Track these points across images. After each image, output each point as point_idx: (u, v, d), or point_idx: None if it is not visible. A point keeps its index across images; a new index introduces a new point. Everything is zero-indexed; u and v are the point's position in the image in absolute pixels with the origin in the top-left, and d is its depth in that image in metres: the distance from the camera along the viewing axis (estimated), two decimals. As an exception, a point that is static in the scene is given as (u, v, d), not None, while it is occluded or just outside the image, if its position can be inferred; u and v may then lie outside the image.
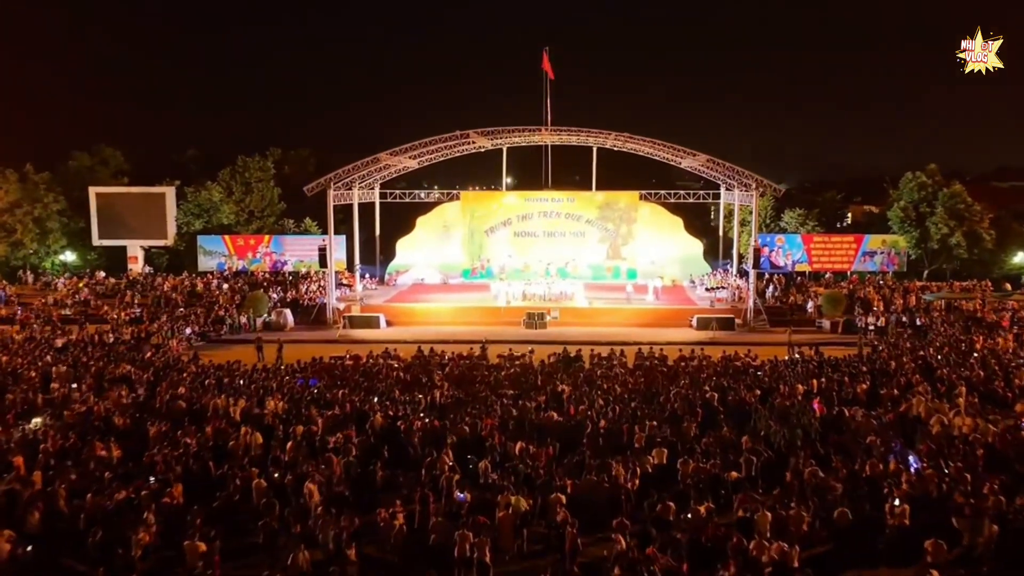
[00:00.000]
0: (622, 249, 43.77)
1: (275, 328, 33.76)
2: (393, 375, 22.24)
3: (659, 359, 24.83)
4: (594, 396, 19.09)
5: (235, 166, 49.67)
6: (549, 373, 22.47)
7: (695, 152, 34.34)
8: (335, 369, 23.18)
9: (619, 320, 34.41)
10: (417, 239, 44.34)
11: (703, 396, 18.87)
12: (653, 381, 21.12)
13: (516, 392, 20.04)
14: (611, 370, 22.72)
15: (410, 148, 34.94)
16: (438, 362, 24.16)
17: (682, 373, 22.28)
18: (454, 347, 27.66)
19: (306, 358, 24.87)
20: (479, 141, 39.10)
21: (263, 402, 18.25)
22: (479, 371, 22.68)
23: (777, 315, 34.73)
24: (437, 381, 21.20)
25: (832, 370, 22.11)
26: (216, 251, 43.24)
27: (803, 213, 43.51)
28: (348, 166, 34.70)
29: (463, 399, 19.10)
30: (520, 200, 44.10)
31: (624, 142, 38.46)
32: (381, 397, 19.23)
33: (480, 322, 34.28)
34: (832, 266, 41.58)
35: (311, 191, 35.19)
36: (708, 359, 24.69)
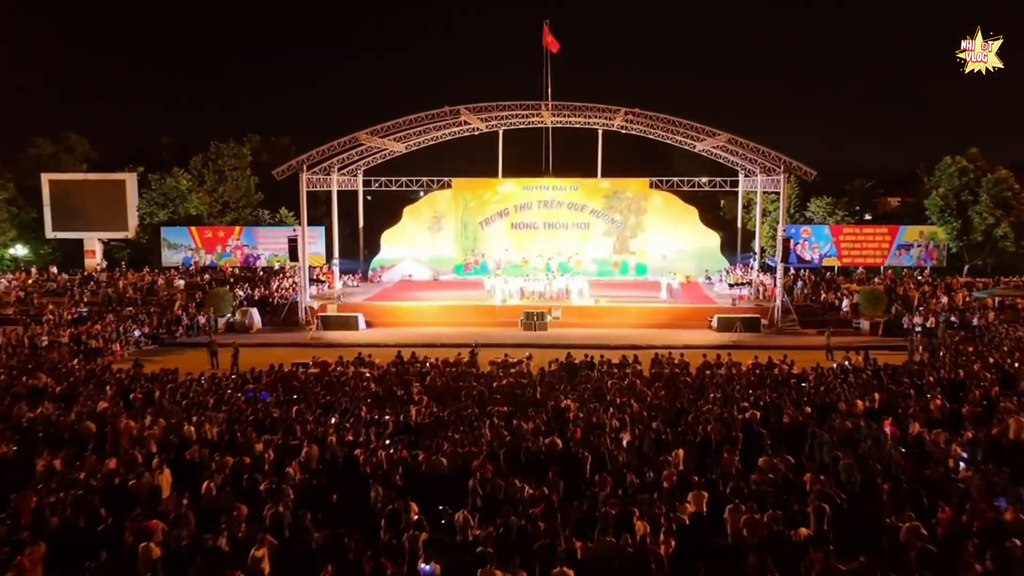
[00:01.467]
0: (630, 242, 40.46)
1: (239, 330, 30.37)
2: (363, 387, 18.82)
3: (680, 367, 21.41)
4: (606, 415, 15.67)
5: (207, 152, 46.39)
6: (550, 384, 19.05)
7: (715, 131, 30.92)
8: (294, 379, 19.75)
9: (629, 321, 31.02)
10: (404, 231, 40.94)
11: (742, 415, 15.45)
12: (677, 395, 17.68)
13: (510, 409, 16.61)
14: (624, 380, 19.29)
15: (393, 127, 31.52)
16: (418, 370, 20.73)
17: (710, 385, 18.84)
18: (441, 352, 24.33)
19: (268, 364, 21.52)
20: (472, 121, 35.67)
21: (197, 424, 14.81)
22: (466, 382, 19.26)
23: (808, 315, 31.33)
24: (415, 395, 17.77)
25: (892, 381, 18.68)
26: (182, 244, 39.86)
27: (831, 202, 40.05)
28: (323, 147, 31.30)
29: (444, 419, 15.66)
30: (518, 188, 40.70)
31: (633, 121, 35.05)
32: (343, 416, 15.80)
33: (472, 323, 30.99)
34: (864, 260, 38.22)
35: (281, 174, 31.78)
36: (738, 367, 21.28)
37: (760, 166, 35.52)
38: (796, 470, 12.59)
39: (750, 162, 36.04)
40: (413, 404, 17.03)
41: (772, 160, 30.87)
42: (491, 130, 39.67)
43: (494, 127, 39.41)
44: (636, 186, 40.23)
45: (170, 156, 52.35)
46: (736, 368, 21.16)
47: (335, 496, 11.64)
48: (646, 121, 34.24)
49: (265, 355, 25.81)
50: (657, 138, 38.84)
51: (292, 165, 31.47)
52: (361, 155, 36.74)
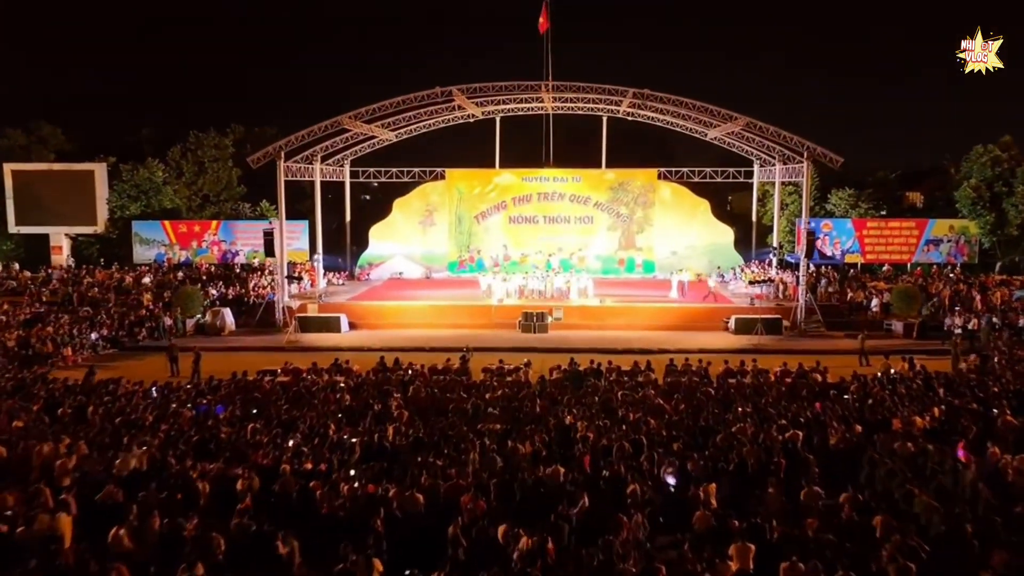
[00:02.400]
0: (637, 237, 38.07)
1: (210, 332, 28.02)
2: (335, 399, 16.47)
3: (699, 375, 19.06)
4: (618, 433, 13.33)
5: (187, 143, 44.06)
6: (552, 396, 16.71)
7: (733, 114, 28.55)
8: (257, 390, 17.40)
9: (638, 322, 28.68)
10: (394, 225, 38.57)
11: (781, 435, 13.10)
12: (699, 410, 15.33)
13: (504, 427, 14.26)
14: (638, 392, 16.93)
15: (379, 110, 29.14)
16: (400, 379, 18.37)
17: (737, 396, 16.49)
18: (430, 357, 22.03)
19: (239, 370, 19.25)
20: (466, 106, 33.33)
21: (126, 447, 12.47)
22: (455, 393, 16.90)
23: (833, 316, 28.97)
24: (394, 410, 15.42)
25: (950, 392, 16.33)
26: (155, 240, 37.48)
27: (853, 194, 37.64)
28: (302, 131, 28.93)
29: (425, 441, 13.30)
30: (516, 179, 38.31)
31: (641, 105, 32.69)
32: (307, 437, 13.44)
33: (466, 324, 28.70)
34: (889, 257, 35.86)
35: (257, 162, 29.41)
36: (765, 374, 18.93)
37: (779, 154, 33.19)
38: (859, 510, 10.25)
39: (767, 150, 33.70)
40: (391, 421, 14.71)
41: (794, 146, 28.53)
42: (488, 117, 37.38)
43: (491, 114, 37.10)
44: (643, 177, 37.85)
45: (150, 148, 50.12)
46: (763, 376, 18.84)
47: (280, 545, 9.28)
48: (655, 105, 31.87)
49: (234, 360, 23.55)
50: (665, 125, 36.55)
51: (269, 152, 29.11)
52: (346, 142, 34.39)
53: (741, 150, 36.85)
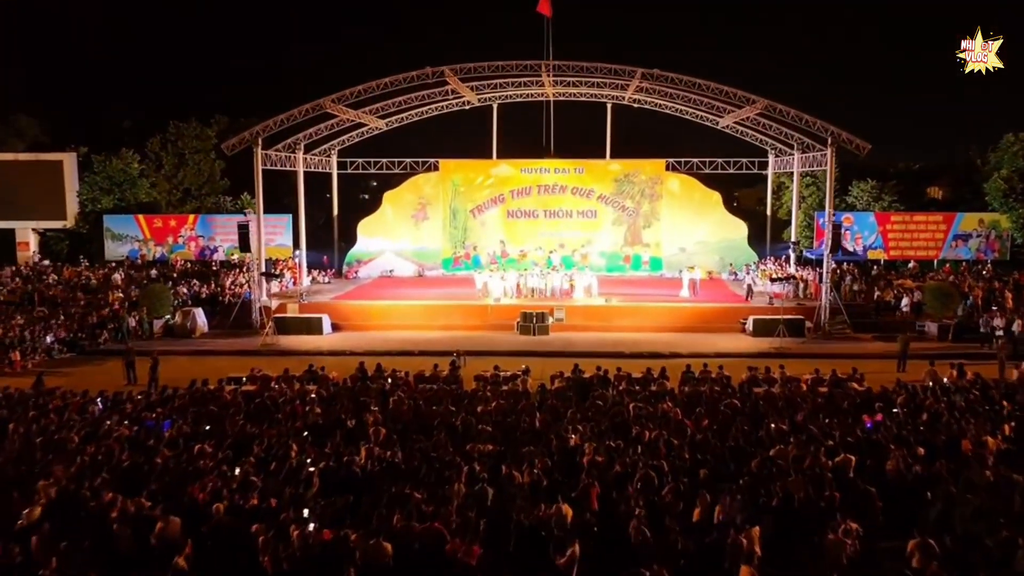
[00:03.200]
0: (643, 233, 36.03)
1: (179, 334, 25.95)
2: (303, 413, 14.39)
3: (720, 383, 16.97)
4: (633, 458, 11.26)
5: (166, 134, 42.03)
6: (554, 409, 14.62)
7: (751, 96, 26.45)
8: (215, 402, 15.31)
9: (647, 323, 26.62)
10: (384, 220, 36.49)
11: (829, 460, 11.03)
12: (726, 426, 13.24)
13: (498, 448, 12.19)
14: (655, 404, 14.84)
15: (364, 92, 27.04)
16: (380, 388, 16.28)
17: (769, 410, 14.41)
18: (420, 362, 20.01)
19: (206, 376, 17.24)
20: (461, 90, 31.26)
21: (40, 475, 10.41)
22: (443, 405, 14.81)
23: (859, 316, 26.91)
24: (369, 426, 13.34)
25: (1015, 405, 14.24)
26: (128, 235, 35.39)
27: (876, 186, 35.55)
28: (281, 115, 26.83)
29: (400, 468, 11.21)
30: (515, 171, 36.25)
31: (649, 89, 30.65)
32: (261, 462, 11.37)
33: (460, 326, 26.72)
34: (915, 253, 33.82)
35: (232, 149, 27.37)
36: (795, 383, 16.86)
37: (798, 142, 31.14)
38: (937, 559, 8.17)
39: (786, 138, 31.65)
40: (365, 440, 12.62)
41: (817, 131, 26.43)
42: (484, 104, 35.32)
43: (487, 101, 35.05)
44: (650, 168, 35.79)
45: (131, 140, 48.03)
46: (793, 385, 16.76)
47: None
48: (664, 89, 29.85)
49: (203, 365, 21.58)
50: (674, 113, 34.52)
51: (245, 138, 27.02)
52: (331, 129, 32.31)
53: (755, 139, 34.83)
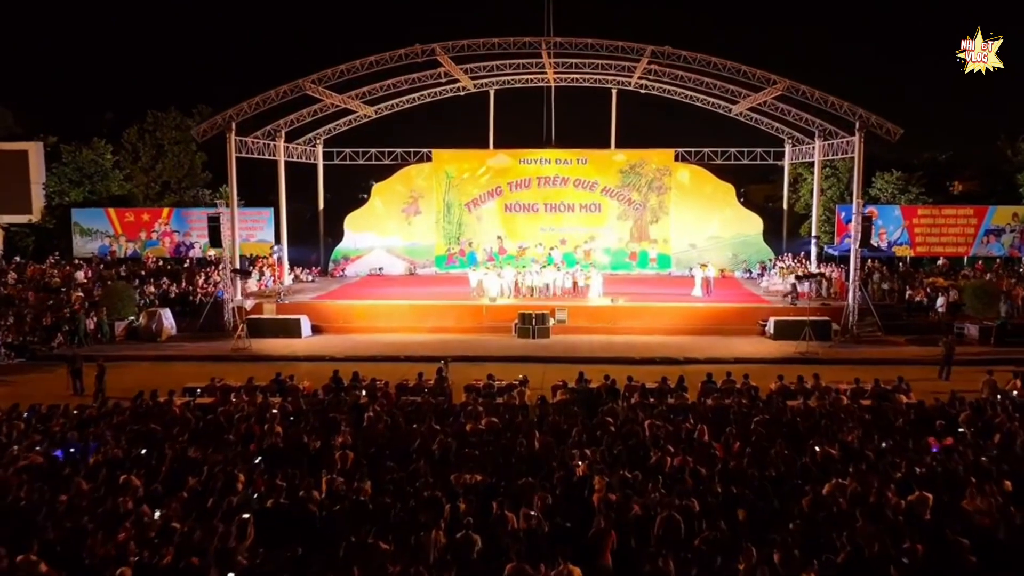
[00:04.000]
0: (650, 228, 33.97)
1: (144, 336, 23.92)
2: (260, 433, 12.33)
3: (747, 395, 14.90)
4: (653, 494, 9.21)
5: (144, 123, 40.00)
6: (556, 426, 12.57)
7: (771, 75, 24.36)
8: (161, 418, 13.24)
9: (657, 325, 24.58)
10: (373, 214, 34.44)
11: (900, 499, 8.98)
12: (762, 450, 11.17)
13: (488, 479, 10.14)
14: (671, 420, 12.76)
15: (348, 72, 24.93)
16: (353, 402, 14.20)
17: (810, 429, 12.34)
18: (405, 369, 18.01)
19: (160, 386, 15.28)
20: (454, 72, 29.22)
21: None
22: (424, 423, 12.74)
23: (889, 317, 24.87)
24: (336, 450, 11.29)
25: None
26: (98, 230, 33.30)
27: (902, 177, 33.46)
28: (256, 97, 24.74)
29: (366, 507, 9.14)
30: (513, 162, 34.19)
31: (658, 72, 28.61)
32: (192, 501, 9.31)
33: (452, 327, 24.77)
34: (943, 249, 31.73)
35: (203, 134, 25.33)
36: (833, 394, 14.79)
37: (819, 129, 29.08)
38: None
39: (806, 124, 29.58)
40: (330, 468, 10.58)
41: (844, 114, 24.34)
42: (480, 90, 33.30)
43: (484, 86, 33.04)
44: (658, 158, 33.74)
45: (109, 131, 46.02)
46: (831, 397, 14.69)
47: None
48: (675, 71, 27.85)
49: (165, 373, 19.71)
50: (683, 99, 32.51)
51: (217, 122, 24.92)
52: (314, 115, 30.25)
53: (770, 128, 32.81)
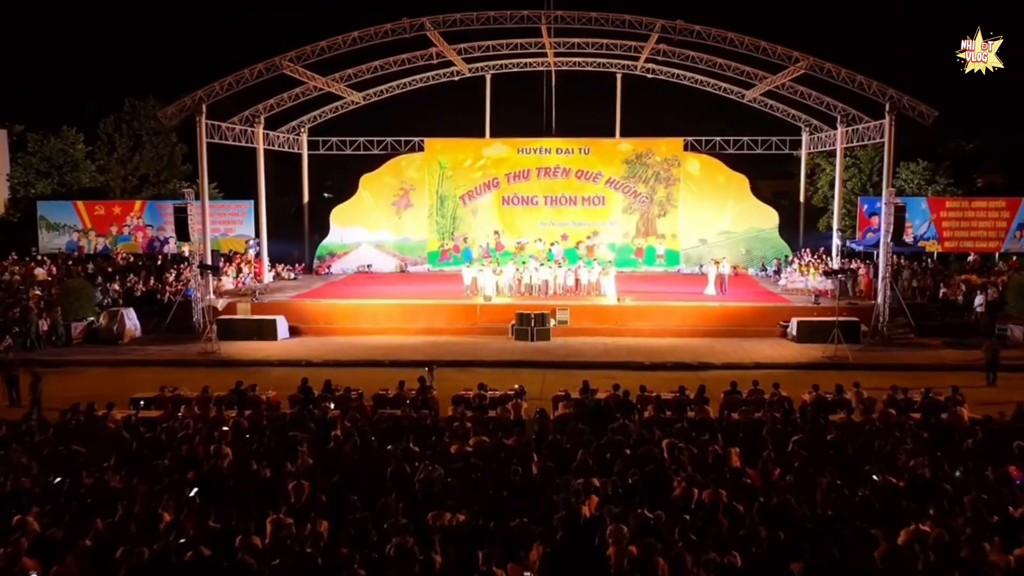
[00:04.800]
0: (657, 222, 32.12)
1: (105, 339, 22.04)
2: (204, 455, 10.44)
3: (778, 407, 12.99)
4: (681, 544, 7.32)
5: (121, 113, 38.26)
6: (558, 447, 10.67)
7: (793, 52, 22.44)
8: (89, 437, 11.36)
9: (668, 326, 22.72)
10: (361, 207, 32.56)
11: (1010, 555, 7.09)
12: (808, 480, 9.26)
13: (473, 519, 8.24)
14: (695, 441, 10.84)
15: (329, 49, 23.00)
16: (321, 417, 12.29)
17: (861, 452, 10.45)
18: (390, 375, 16.15)
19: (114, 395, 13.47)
20: (447, 53, 27.35)
21: None
22: (402, 443, 10.83)
23: (922, 317, 22.99)
24: (289, 479, 9.39)
25: None
26: (66, 224, 31.43)
27: (929, 167, 31.55)
28: (229, 77, 22.83)
29: (314, 564, 7.23)
30: (511, 151, 32.33)
31: (668, 52, 26.74)
32: (87, 553, 7.41)
33: (444, 329, 23.02)
34: (973, 244, 29.85)
35: (170, 118, 23.47)
36: (884, 409, 12.88)
37: (841, 113, 27.18)
38: None
39: (826, 109, 27.69)
40: (282, 501, 8.67)
41: (874, 95, 22.40)
42: (476, 75, 31.44)
43: (480, 70, 31.19)
44: (666, 147, 31.86)
45: (86, 121, 44.26)
46: (878, 410, 12.79)
47: None
48: (687, 49, 25.96)
49: (121, 380, 17.97)
50: (693, 84, 30.70)
51: (185, 104, 23.01)
52: (296, 100, 28.32)
53: (786, 115, 31.00)
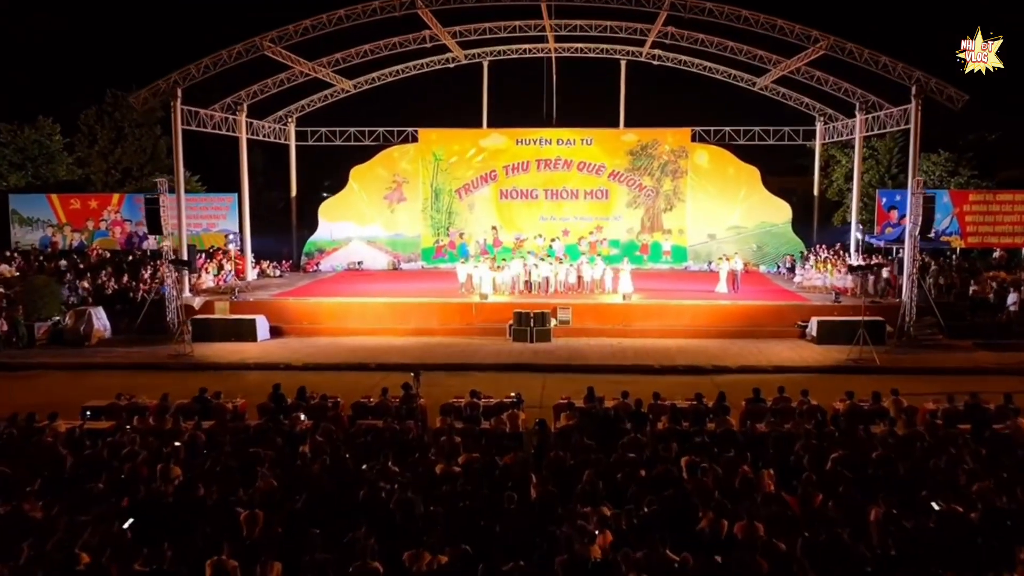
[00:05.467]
0: (664, 217, 30.71)
1: (71, 340, 20.61)
2: (146, 477, 9.02)
3: (810, 416, 11.55)
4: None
5: (102, 104, 36.89)
6: (559, 465, 9.24)
7: (814, 33, 20.96)
8: (20, 456, 9.94)
9: (678, 326, 21.29)
10: (351, 201, 31.12)
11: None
12: (855, 506, 7.82)
13: (456, 564, 6.81)
14: (718, 458, 9.40)
15: (313, 29, 21.52)
16: (289, 429, 10.86)
17: (912, 472, 9.02)
18: (376, 379, 14.77)
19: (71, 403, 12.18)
20: (442, 37, 25.93)
21: None
22: (379, 461, 9.40)
23: (951, 317, 21.56)
24: (240, 509, 7.96)
25: None
26: (40, 219, 30.00)
27: (951, 158, 30.11)
28: (205, 59, 21.39)
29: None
30: (509, 142, 30.91)
31: (676, 35, 25.35)
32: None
33: (436, 329, 21.66)
34: (998, 240, 28.40)
35: (143, 102, 22.01)
36: (931, 420, 11.45)
37: (860, 100, 25.76)
38: None
39: (844, 95, 26.27)
40: (228, 533, 7.24)
41: (899, 78, 20.95)
42: (472, 61, 30.06)
43: (476, 57, 29.85)
44: (673, 138, 30.45)
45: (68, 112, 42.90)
46: (924, 421, 11.37)
47: None
48: (697, 32, 24.60)
49: (82, 385, 16.69)
50: (701, 71, 29.34)
51: (159, 88, 21.57)
52: (281, 86, 26.84)
53: (799, 103, 29.63)
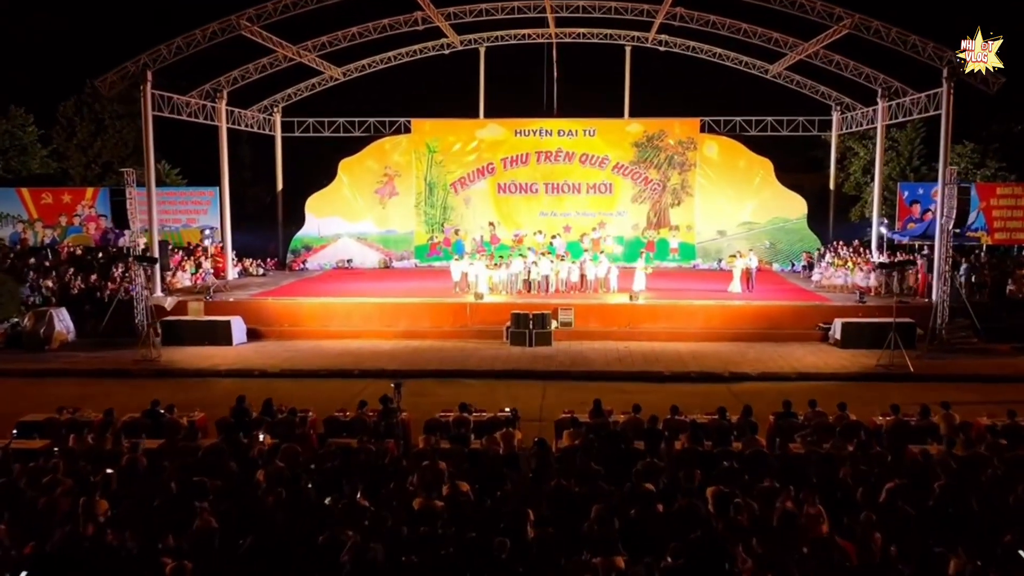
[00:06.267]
0: (671, 212, 29.33)
1: (29, 344, 19.17)
2: (63, 515, 7.58)
3: (851, 434, 10.09)
4: None
5: (82, 95, 35.59)
6: (564, 498, 7.78)
7: (835, 8, 19.53)
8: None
9: (689, 328, 19.87)
10: (340, 195, 29.73)
11: None
12: (920, 551, 6.38)
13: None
14: (749, 486, 7.94)
15: (294, 7, 20.05)
16: (245, 452, 9.41)
17: (984, 504, 7.57)
18: (358, 388, 13.35)
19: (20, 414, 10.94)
20: (435, 19, 24.48)
21: None
22: (351, 489, 7.94)
23: (984, 318, 20.12)
24: (166, 559, 6.51)
25: None
26: (10, 214, 28.58)
27: (977, 149, 28.64)
28: (178, 39, 19.95)
29: None
30: (507, 133, 29.54)
31: (685, 16, 23.94)
32: None
33: (428, 332, 20.32)
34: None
35: (110, 87, 20.51)
36: (993, 440, 10.01)
37: (882, 85, 24.35)
38: None
39: (865, 81, 24.86)
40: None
41: (929, 59, 19.48)
42: (468, 48, 28.67)
43: (472, 43, 28.50)
44: (681, 129, 29.07)
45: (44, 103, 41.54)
46: (966, 436, 9.93)
47: None
48: (708, 13, 23.15)
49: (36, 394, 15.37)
50: (710, 58, 28.00)
51: (128, 70, 20.11)
52: (263, 71, 25.36)
53: (815, 91, 28.22)
